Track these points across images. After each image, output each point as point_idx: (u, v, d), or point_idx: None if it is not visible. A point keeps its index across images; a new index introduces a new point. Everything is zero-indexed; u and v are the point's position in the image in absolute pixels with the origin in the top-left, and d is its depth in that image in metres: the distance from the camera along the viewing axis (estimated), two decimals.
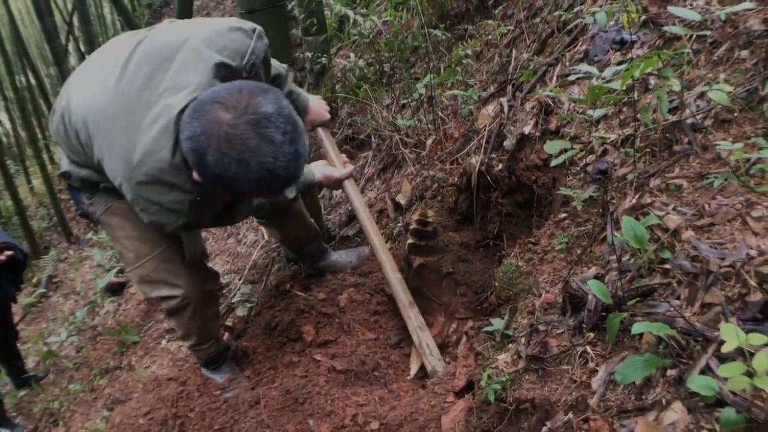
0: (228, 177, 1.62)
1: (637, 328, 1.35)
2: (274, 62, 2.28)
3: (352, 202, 2.78)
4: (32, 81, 9.70)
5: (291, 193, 2.41)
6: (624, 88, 1.55)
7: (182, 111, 1.73)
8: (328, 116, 2.76)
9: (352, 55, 4.35)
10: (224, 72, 1.85)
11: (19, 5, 13.11)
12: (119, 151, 1.80)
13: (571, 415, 1.45)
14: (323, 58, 3.88)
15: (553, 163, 1.80)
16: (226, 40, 1.89)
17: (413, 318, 2.51)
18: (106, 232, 2.38)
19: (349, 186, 2.74)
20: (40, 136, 10.28)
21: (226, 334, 3.03)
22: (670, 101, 1.99)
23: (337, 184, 2.67)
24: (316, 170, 2.55)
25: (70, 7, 9.97)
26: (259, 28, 2.04)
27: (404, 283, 2.62)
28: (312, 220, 2.98)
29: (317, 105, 2.71)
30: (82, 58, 10.71)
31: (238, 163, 1.59)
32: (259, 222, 3.14)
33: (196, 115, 1.62)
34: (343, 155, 2.76)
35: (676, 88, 1.69)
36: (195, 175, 1.73)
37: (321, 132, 2.78)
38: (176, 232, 2.05)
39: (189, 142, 1.63)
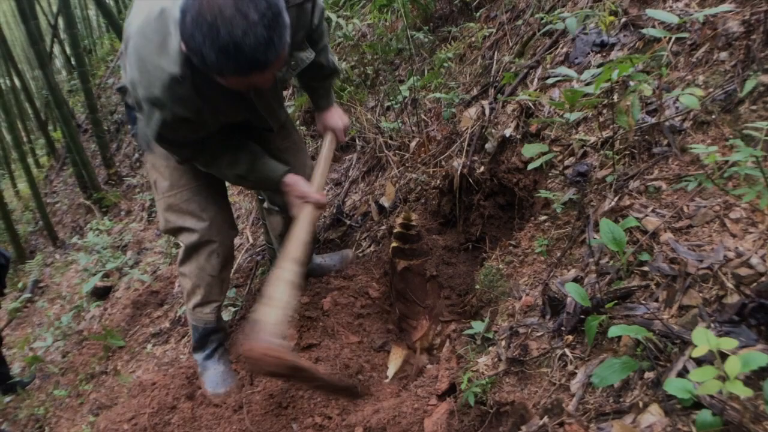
0: (198, 39, 1.64)
1: (613, 331, 1.35)
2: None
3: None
4: (17, 84, 9.63)
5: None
6: (599, 91, 1.55)
7: None
8: (341, 125, 2.57)
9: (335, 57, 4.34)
10: None
11: (4, 8, 13.03)
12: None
13: (546, 419, 1.45)
14: None
15: (531, 166, 1.80)
16: None
17: (288, 271, 1.98)
18: (148, 160, 2.43)
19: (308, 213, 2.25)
20: (25, 139, 10.21)
21: None
22: (649, 103, 2.00)
23: (299, 200, 2.27)
24: (290, 176, 2.31)
25: (55, 9, 9.92)
26: None
27: (307, 245, 2.15)
28: None
29: (339, 112, 2.60)
30: (67, 60, 10.65)
31: (210, 27, 1.61)
32: (269, 210, 2.88)
33: None
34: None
35: (647, 92, 1.69)
36: (181, 44, 1.77)
37: (327, 139, 2.52)
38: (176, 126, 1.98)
39: (182, 4, 1.69)
